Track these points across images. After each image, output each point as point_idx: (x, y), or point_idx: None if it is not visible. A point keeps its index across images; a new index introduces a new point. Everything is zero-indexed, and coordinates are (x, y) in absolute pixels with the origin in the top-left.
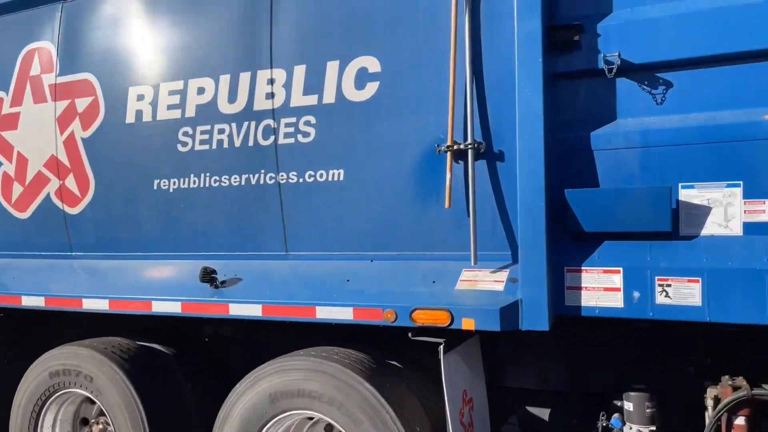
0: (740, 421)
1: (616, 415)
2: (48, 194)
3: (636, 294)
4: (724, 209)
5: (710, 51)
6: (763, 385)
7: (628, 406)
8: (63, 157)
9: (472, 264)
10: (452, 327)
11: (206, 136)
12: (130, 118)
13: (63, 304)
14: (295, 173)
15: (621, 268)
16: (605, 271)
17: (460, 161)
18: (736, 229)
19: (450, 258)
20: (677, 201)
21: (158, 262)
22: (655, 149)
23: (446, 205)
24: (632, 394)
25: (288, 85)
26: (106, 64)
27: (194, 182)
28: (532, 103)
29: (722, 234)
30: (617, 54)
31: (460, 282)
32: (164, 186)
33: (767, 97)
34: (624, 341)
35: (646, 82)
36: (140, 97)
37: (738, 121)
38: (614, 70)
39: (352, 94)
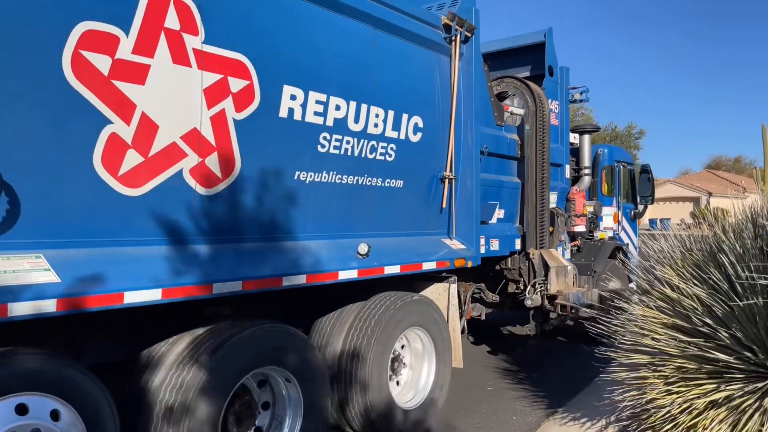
0: (469, 302)
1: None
2: (180, 171)
3: (487, 246)
4: (496, 212)
5: (498, 151)
6: (477, 284)
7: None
8: (208, 134)
9: (452, 237)
10: (467, 267)
11: (338, 144)
12: (282, 113)
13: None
14: (380, 179)
15: (484, 236)
16: (483, 237)
17: (443, 183)
18: (495, 221)
19: (428, 234)
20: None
21: (292, 243)
22: (487, 187)
23: (443, 205)
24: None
25: (384, 122)
26: (263, 52)
27: (324, 177)
28: (476, 161)
29: (495, 223)
30: (487, 146)
31: (451, 246)
32: (302, 178)
33: (512, 172)
34: None
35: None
36: (293, 97)
37: (500, 180)
38: (486, 152)
39: (412, 137)
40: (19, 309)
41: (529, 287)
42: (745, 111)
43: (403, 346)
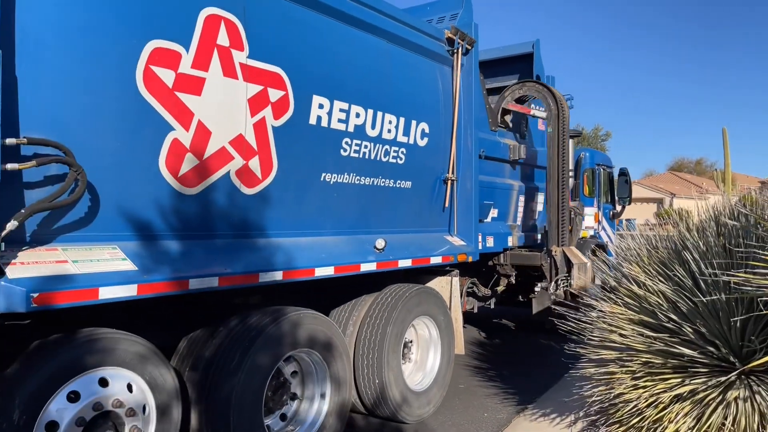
0: (465, 296)
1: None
2: (228, 172)
3: (483, 243)
4: (491, 211)
5: (493, 155)
6: (471, 279)
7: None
8: (251, 139)
9: (455, 234)
10: (467, 261)
11: (357, 148)
12: (312, 120)
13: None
14: (392, 180)
15: (481, 233)
16: (480, 235)
17: (445, 184)
18: (490, 220)
19: (433, 231)
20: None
21: (320, 238)
22: (483, 188)
23: (446, 204)
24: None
25: (396, 127)
26: (297, 65)
27: (345, 178)
28: (475, 163)
29: (489, 222)
30: (483, 150)
31: (453, 242)
32: (327, 179)
33: (505, 174)
34: None
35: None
36: (321, 106)
37: (494, 182)
38: (483, 156)
39: (420, 142)
40: (108, 293)
41: (552, 283)
42: (707, 114)
43: (411, 337)
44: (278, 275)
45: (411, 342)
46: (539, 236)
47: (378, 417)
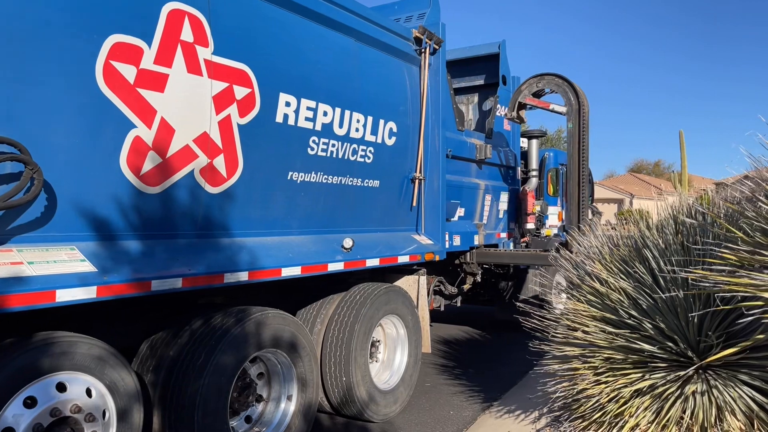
0: (432, 293)
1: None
2: (192, 171)
3: (450, 241)
4: (458, 210)
5: (459, 155)
6: (438, 277)
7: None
8: (216, 137)
9: (422, 233)
10: (434, 260)
11: (325, 146)
12: (279, 119)
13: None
14: (360, 179)
15: (448, 232)
16: (447, 234)
17: (413, 183)
18: (457, 219)
19: (400, 230)
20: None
21: (286, 238)
22: (450, 187)
23: (414, 204)
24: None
25: (364, 126)
26: (263, 62)
27: (313, 177)
28: (443, 163)
29: (456, 221)
30: (450, 150)
31: (420, 241)
32: (294, 177)
33: (471, 174)
34: None
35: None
36: (288, 104)
37: (461, 181)
38: (450, 155)
39: (387, 141)
40: (65, 295)
41: None
42: (664, 117)
43: (379, 337)
44: (244, 275)
45: (378, 342)
46: (505, 234)
47: (344, 416)
